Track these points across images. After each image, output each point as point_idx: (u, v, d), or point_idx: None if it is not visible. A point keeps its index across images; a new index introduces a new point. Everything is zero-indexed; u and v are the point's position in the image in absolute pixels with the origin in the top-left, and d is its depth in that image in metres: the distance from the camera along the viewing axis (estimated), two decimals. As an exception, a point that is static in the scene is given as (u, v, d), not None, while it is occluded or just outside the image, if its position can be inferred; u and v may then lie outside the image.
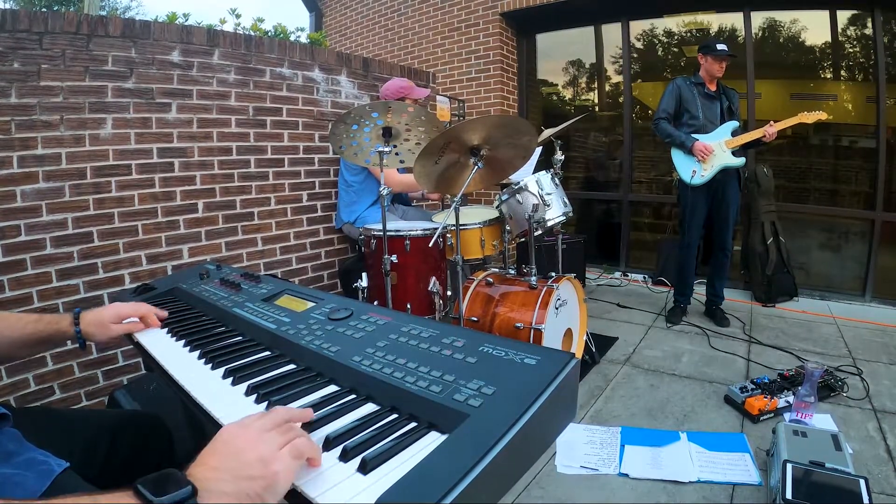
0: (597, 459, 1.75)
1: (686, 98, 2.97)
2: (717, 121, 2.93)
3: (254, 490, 0.49)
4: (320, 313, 0.96)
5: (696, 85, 2.96)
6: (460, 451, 0.53)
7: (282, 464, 0.51)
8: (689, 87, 2.97)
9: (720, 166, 2.86)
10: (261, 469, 0.50)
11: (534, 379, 0.63)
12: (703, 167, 2.90)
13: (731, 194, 2.97)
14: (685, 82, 3.00)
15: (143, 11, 14.60)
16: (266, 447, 0.52)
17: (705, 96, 2.94)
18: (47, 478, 0.71)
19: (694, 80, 2.98)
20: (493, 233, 2.44)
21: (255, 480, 0.49)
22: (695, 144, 2.87)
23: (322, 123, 2.96)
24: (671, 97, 3.02)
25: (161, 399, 1.64)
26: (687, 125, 2.98)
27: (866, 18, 3.45)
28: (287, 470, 0.51)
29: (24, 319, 0.95)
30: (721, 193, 2.97)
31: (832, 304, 3.54)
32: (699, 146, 2.87)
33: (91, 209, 2.09)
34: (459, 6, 4.70)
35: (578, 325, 2.45)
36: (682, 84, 3.00)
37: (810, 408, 1.85)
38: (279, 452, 0.52)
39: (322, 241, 3.06)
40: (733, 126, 2.89)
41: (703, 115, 2.93)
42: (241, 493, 0.48)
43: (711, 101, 2.94)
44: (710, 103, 2.94)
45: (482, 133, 1.79)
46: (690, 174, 2.93)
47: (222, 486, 0.48)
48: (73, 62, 2.00)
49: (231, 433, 0.55)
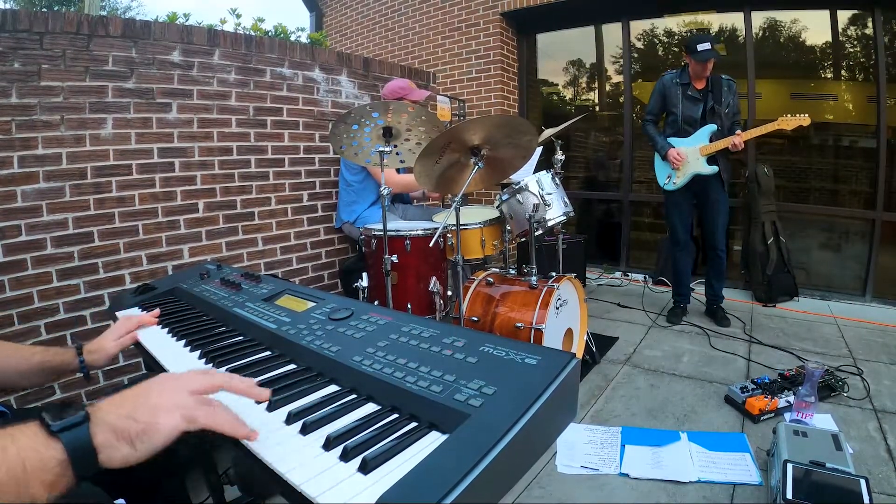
0: (597, 459, 1.75)
1: (669, 97, 2.94)
2: (697, 124, 2.88)
3: (130, 431, 0.51)
4: (321, 313, 0.96)
5: (681, 85, 2.90)
6: (461, 451, 0.52)
7: (168, 420, 0.53)
8: (675, 86, 2.92)
9: (692, 174, 2.88)
10: (147, 416, 0.53)
11: (534, 379, 0.63)
12: (677, 174, 2.94)
13: (714, 195, 2.95)
14: (671, 80, 2.94)
15: (143, 11, 14.61)
16: (166, 401, 0.55)
17: (688, 97, 2.89)
18: None
19: (680, 78, 2.92)
20: (493, 233, 2.44)
21: (136, 423, 0.52)
22: (668, 152, 2.90)
23: (322, 123, 2.96)
24: (657, 97, 3.01)
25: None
26: (668, 125, 3.00)
27: (866, 18, 3.45)
28: (170, 428, 0.53)
29: (31, 350, 0.96)
30: (704, 195, 2.97)
31: (832, 303, 3.54)
32: (671, 154, 2.89)
33: (91, 209, 2.09)
34: (460, 6, 4.70)
35: (579, 325, 2.45)
36: (667, 82, 2.96)
37: (811, 408, 1.85)
38: (174, 412, 0.54)
39: (322, 240, 3.06)
40: (711, 130, 2.84)
41: (681, 117, 2.91)
42: (119, 430, 0.51)
43: (694, 102, 2.89)
44: (692, 104, 2.89)
45: (482, 133, 1.79)
46: (665, 179, 3.00)
47: (108, 419, 0.51)
48: (74, 62, 2.00)
49: (159, 380, 0.58)
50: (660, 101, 3.00)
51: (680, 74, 2.93)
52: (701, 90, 2.88)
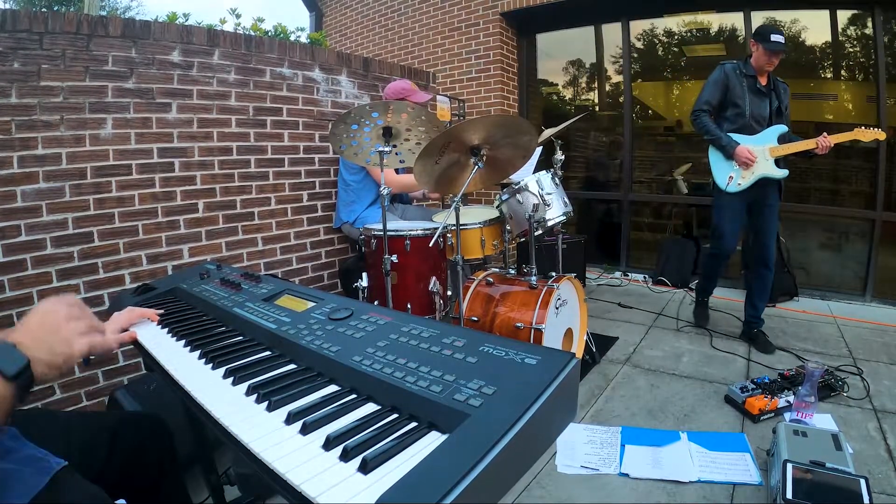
0: (597, 459, 1.75)
1: (734, 89, 2.60)
2: (765, 122, 2.59)
3: (57, 361, 0.70)
4: (321, 313, 0.96)
5: (747, 77, 2.58)
6: (461, 450, 0.52)
7: (78, 347, 0.73)
8: (739, 77, 2.59)
9: (760, 175, 2.56)
10: (65, 348, 0.72)
11: (534, 379, 0.63)
12: (743, 174, 2.59)
13: (773, 202, 2.67)
14: (734, 71, 2.61)
15: (143, 11, 14.60)
16: (72, 332, 0.73)
17: (755, 91, 2.58)
18: (46, 474, 0.72)
19: (744, 69, 2.59)
20: (493, 232, 2.44)
21: (58, 355, 0.71)
22: (737, 150, 2.53)
23: (322, 123, 2.96)
24: (716, 87, 2.63)
25: (161, 399, 1.64)
26: (728, 120, 2.65)
27: (866, 18, 3.45)
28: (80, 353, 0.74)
29: None
30: (760, 201, 2.66)
31: (832, 303, 3.54)
32: (742, 152, 2.52)
33: (91, 209, 2.09)
34: (459, 6, 4.70)
35: (579, 325, 2.45)
36: (730, 72, 2.61)
37: (811, 407, 1.85)
38: (80, 339, 0.74)
39: (322, 240, 3.06)
40: (781, 131, 2.56)
41: (749, 113, 2.58)
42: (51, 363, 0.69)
43: (761, 97, 2.59)
44: (760, 100, 2.59)
45: (482, 133, 1.79)
46: (727, 180, 2.63)
47: (40, 356, 0.68)
48: (74, 62, 2.00)
49: (47, 310, 0.74)
50: (720, 92, 2.63)
51: (744, 65, 2.60)
52: (765, 86, 2.60)
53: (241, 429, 0.65)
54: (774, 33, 2.46)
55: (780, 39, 2.46)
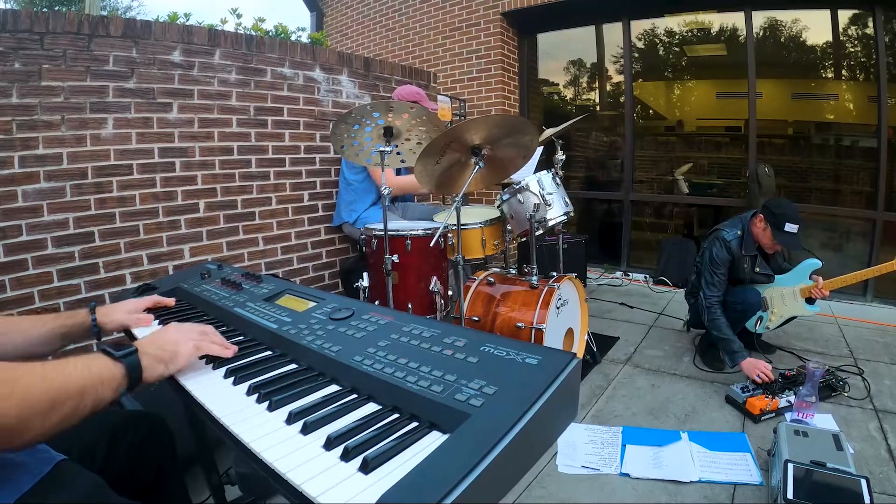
0: (598, 459, 1.74)
1: (736, 269, 2.39)
2: (771, 277, 2.43)
3: (163, 357, 0.80)
4: (321, 313, 0.96)
5: (749, 257, 2.37)
6: (462, 450, 0.53)
7: (185, 349, 0.82)
8: (741, 258, 2.35)
9: (790, 317, 2.44)
10: (171, 347, 0.82)
11: (535, 379, 0.63)
12: (770, 316, 2.42)
13: None
14: (737, 248, 2.33)
15: (144, 11, 14.57)
16: (181, 338, 0.84)
17: (757, 273, 2.41)
18: (48, 463, 0.73)
19: (744, 248, 2.33)
20: (494, 232, 2.44)
21: (165, 352, 0.80)
22: (744, 364, 2.15)
23: (323, 123, 2.96)
24: (722, 270, 2.34)
25: (162, 399, 1.63)
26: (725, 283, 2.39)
27: (867, 18, 3.44)
28: (186, 353, 0.82)
29: (42, 318, 0.97)
30: None
31: (833, 303, 3.52)
32: (751, 369, 2.12)
33: (92, 209, 2.09)
34: (460, 6, 4.70)
35: (580, 325, 2.44)
36: (735, 252, 2.34)
37: (811, 407, 1.85)
38: (188, 344, 0.83)
39: (323, 240, 3.06)
40: (814, 266, 2.33)
41: (750, 279, 2.42)
42: (156, 357, 0.79)
43: (764, 265, 2.44)
44: (763, 267, 2.44)
45: (483, 133, 1.79)
46: (756, 322, 2.46)
47: (149, 350, 0.79)
48: (75, 62, 2.00)
49: (170, 329, 0.87)
50: (726, 275, 2.37)
51: (743, 244, 2.34)
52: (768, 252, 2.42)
53: (242, 429, 0.65)
54: (790, 222, 2.18)
55: (794, 230, 2.19)
